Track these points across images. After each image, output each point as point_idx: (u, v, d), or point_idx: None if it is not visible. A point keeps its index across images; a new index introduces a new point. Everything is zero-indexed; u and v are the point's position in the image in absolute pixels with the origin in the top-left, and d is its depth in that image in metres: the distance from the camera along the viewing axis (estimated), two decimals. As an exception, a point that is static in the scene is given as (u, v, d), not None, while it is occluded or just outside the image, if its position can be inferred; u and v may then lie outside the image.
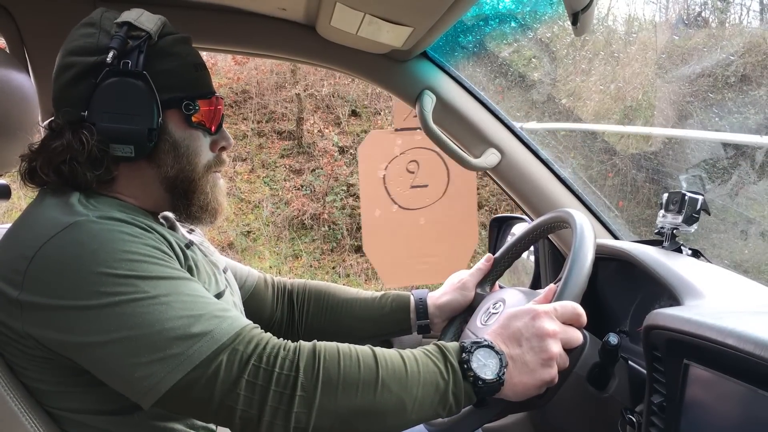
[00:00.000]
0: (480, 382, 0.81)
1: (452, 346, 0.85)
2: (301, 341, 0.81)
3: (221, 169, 1.01)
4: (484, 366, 0.82)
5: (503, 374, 0.82)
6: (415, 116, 1.49)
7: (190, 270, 0.90)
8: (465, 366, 0.82)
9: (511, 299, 1.08)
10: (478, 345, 0.83)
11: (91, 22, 0.92)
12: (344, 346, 0.81)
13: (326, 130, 7.51)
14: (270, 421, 0.76)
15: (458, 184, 2.60)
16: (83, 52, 0.89)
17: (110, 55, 0.86)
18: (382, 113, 7.67)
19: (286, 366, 0.77)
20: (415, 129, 2.52)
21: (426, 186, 2.59)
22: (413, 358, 0.82)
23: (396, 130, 2.55)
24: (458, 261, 2.75)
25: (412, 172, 2.57)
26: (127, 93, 0.87)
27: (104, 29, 0.90)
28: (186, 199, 0.95)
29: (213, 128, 0.97)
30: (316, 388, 0.76)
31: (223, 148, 1.00)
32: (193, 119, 0.93)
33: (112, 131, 0.87)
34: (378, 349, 0.82)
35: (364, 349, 0.82)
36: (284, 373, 0.76)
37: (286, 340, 0.81)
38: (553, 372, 0.84)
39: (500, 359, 0.82)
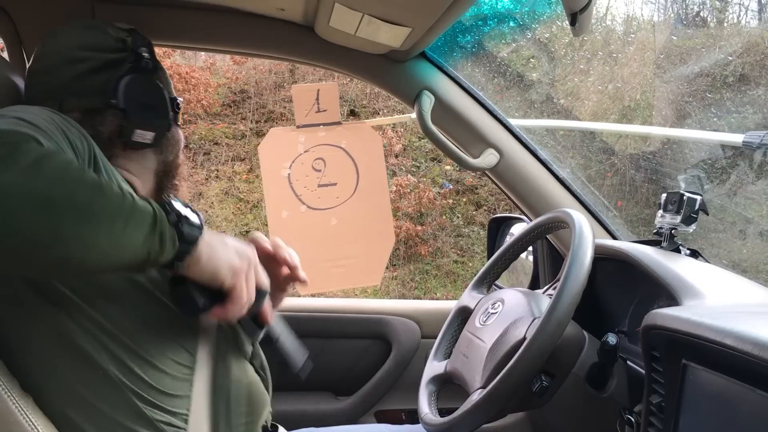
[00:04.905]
0: (185, 225, 0.75)
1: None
2: None
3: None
4: (187, 216, 0.76)
5: (203, 229, 0.77)
6: (318, 111, 1.44)
7: (95, 165, 0.83)
8: (168, 207, 0.75)
9: (510, 299, 1.08)
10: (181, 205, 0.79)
11: (93, 25, 1.00)
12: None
13: (325, 130, 7.51)
14: None
15: (368, 181, 2.42)
16: (99, 48, 0.96)
17: (139, 50, 0.97)
18: (380, 113, 7.66)
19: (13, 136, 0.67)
20: (318, 125, 2.37)
21: (335, 184, 2.40)
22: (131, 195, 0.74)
23: (297, 127, 2.41)
24: (376, 261, 2.56)
25: (319, 170, 2.40)
26: (153, 87, 1.00)
27: (110, 34, 0.98)
28: (169, 179, 1.06)
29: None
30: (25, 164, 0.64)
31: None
32: (178, 117, 1.07)
33: (142, 119, 0.97)
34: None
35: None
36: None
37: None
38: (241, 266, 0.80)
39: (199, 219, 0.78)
